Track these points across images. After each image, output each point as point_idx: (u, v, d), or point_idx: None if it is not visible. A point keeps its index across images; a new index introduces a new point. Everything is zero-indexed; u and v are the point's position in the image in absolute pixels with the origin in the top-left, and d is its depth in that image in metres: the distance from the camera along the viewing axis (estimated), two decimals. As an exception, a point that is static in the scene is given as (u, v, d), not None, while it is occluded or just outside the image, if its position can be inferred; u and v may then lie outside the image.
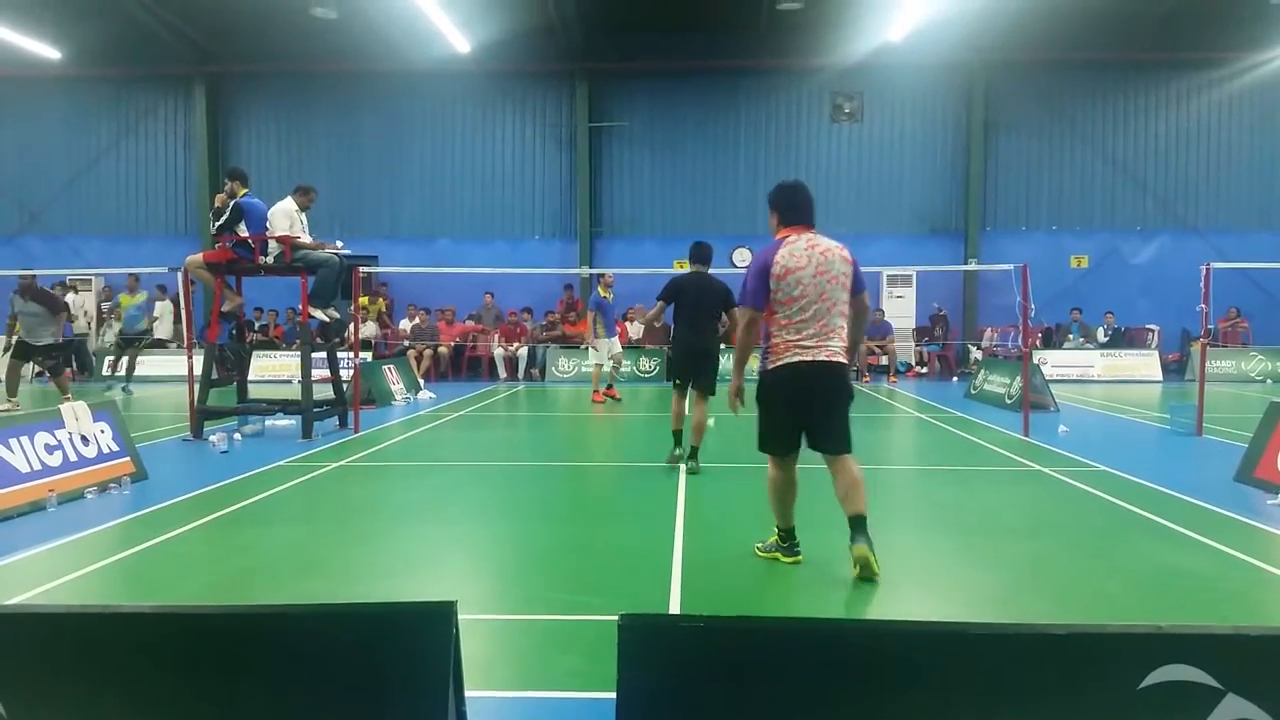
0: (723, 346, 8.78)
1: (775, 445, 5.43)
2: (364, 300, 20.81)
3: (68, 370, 14.30)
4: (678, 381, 8.81)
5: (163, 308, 20.22)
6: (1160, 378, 20.04)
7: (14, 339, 14.28)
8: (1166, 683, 2.27)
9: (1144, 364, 20.44)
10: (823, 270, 5.17)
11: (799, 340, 5.17)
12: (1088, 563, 5.57)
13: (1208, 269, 11.17)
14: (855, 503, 5.21)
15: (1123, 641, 2.34)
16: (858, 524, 5.17)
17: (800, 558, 5.49)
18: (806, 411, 5.30)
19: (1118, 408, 14.50)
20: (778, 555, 5.54)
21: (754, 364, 5.52)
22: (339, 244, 11.58)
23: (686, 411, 8.79)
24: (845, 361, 5.27)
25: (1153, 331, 21.52)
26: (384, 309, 21.80)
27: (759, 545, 5.70)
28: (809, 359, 5.16)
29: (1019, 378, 12.70)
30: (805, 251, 5.19)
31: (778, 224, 5.42)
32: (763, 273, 5.22)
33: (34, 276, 14.35)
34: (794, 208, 5.38)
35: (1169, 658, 2.28)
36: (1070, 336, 21.40)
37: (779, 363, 5.22)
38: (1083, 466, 8.77)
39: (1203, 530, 6.19)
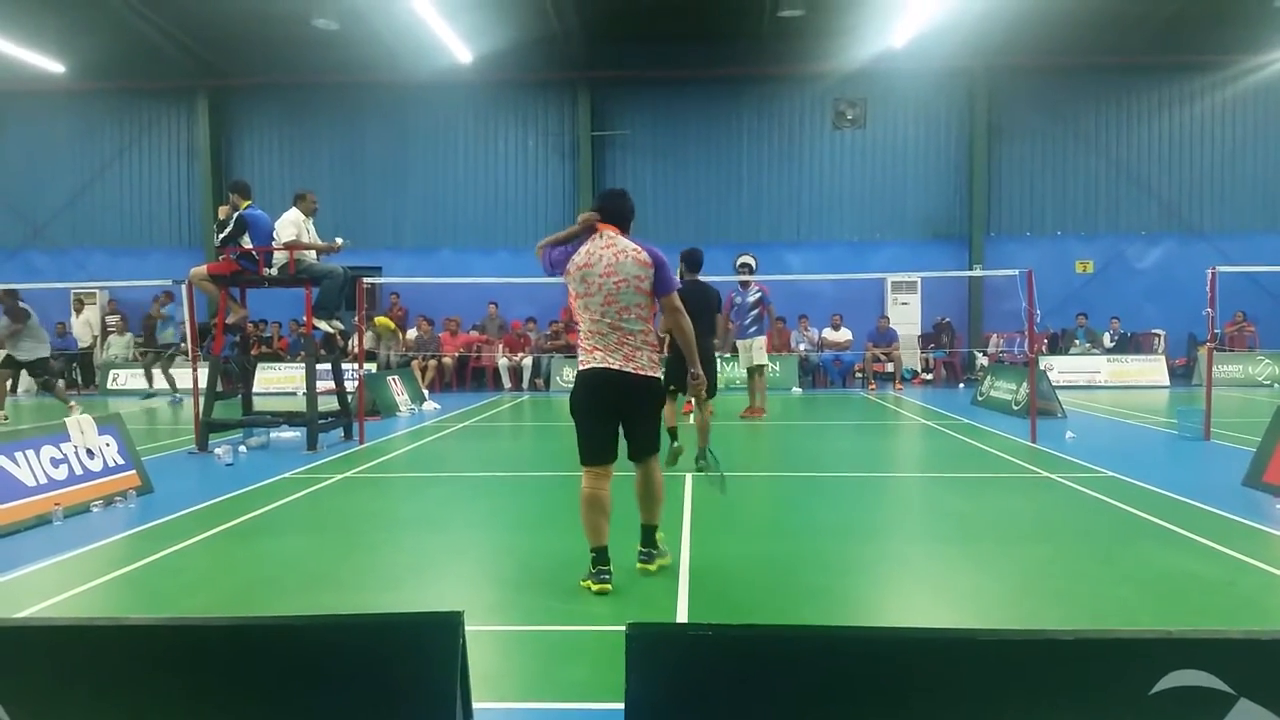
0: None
1: (584, 452, 5.23)
2: (387, 320, 20.71)
3: (60, 382, 14.27)
4: (672, 388, 8.45)
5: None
6: (1167, 383, 19.98)
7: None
8: (1178, 688, 2.26)
9: (1150, 369, 20.38)
10: (610, 271, 5.06)
11: (597, 345, 5.11)
12: (1097, 569, 5.55)
13: (1213, 273, 11.14)
14: (647, 512, 5.43)
15: (1133, 647, 2.33)
16: (647, 534, 5.44)
17: (607, 586, 5.04)
18: (613, 418, 5.23)
19: (1125, 413, 14.46)
20: (587, 583, 5.09)
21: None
22: (339, 240, 11.58)
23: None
24: (648, 374, 5.14)
25: (1159, 336, 21.46)
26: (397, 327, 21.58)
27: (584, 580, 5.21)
28: (609, 366, 5.08)
29: (1025, 384, 12.67)
30: (601, 250, 5.12)
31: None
32: (568, 252, 5.21)
33: (9, 290, 14.13)
34: (603, 209, 5.33)
35: (1180, 663, 2.27)
36: (1076, 342, 21.36)
37: (584, 366, 5.20)
38: (1090, 472, 8.74)
39: (1212, 535, 6.16)
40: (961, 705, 2.32)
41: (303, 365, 11.83)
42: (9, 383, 14.11)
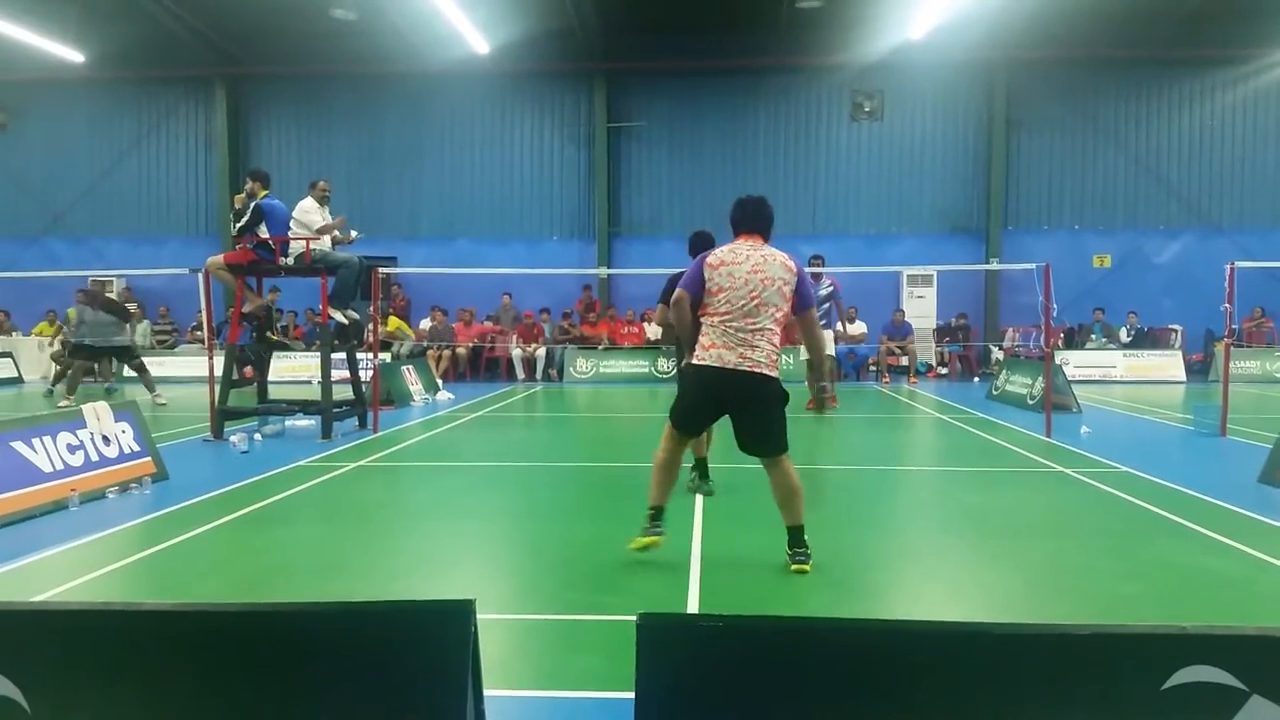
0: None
1: (683, 422, 5.48)
2: (398, 322, 20.67)
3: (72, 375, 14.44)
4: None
5: None
6: (1184, 378, 19.85)
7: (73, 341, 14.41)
8: (1190, 684, 2.25)
9: (1167, 364, 20.25)
10: (758, 269, 5.23)
11: (722, 339, 5.18)
12: (1110, 565, 5.52)
13: (1232, 268, 11.05)
14: (790, 513, 5.28)
15: (1146, 642, 2.31)
16: (793, 535, 5.27)
17: (657, 539, 5.38)
18: (726, 412, 5.37)
19: (1141, 408, 14.38)
20: (636, 540, 5.40)
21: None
22: (353, 233, 11.62)
23: None
24: (766, 374, 5.17)
25: (1176, 331, 21.31)
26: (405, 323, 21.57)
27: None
28: (726, 366, 5.15)
29: (1041, 378, 12.62)
30: (746, 250, 5.32)
31: (734, 236, 5.53)
32: (700, 262, 5.38)
33: (103, 285, 14.55)
34: (740, 220, 5.51)
35: (1193, 659, 2.26)
36: (1093, 337, 21.23)
37: (701, 361, 5.26)
38: (1105, 468, 8.70)
39: (1227, 532, 6.12)
40: (975, 698, 2.31)
41: (317, 354, 11.87)
42: (95, 365, 14.31)
